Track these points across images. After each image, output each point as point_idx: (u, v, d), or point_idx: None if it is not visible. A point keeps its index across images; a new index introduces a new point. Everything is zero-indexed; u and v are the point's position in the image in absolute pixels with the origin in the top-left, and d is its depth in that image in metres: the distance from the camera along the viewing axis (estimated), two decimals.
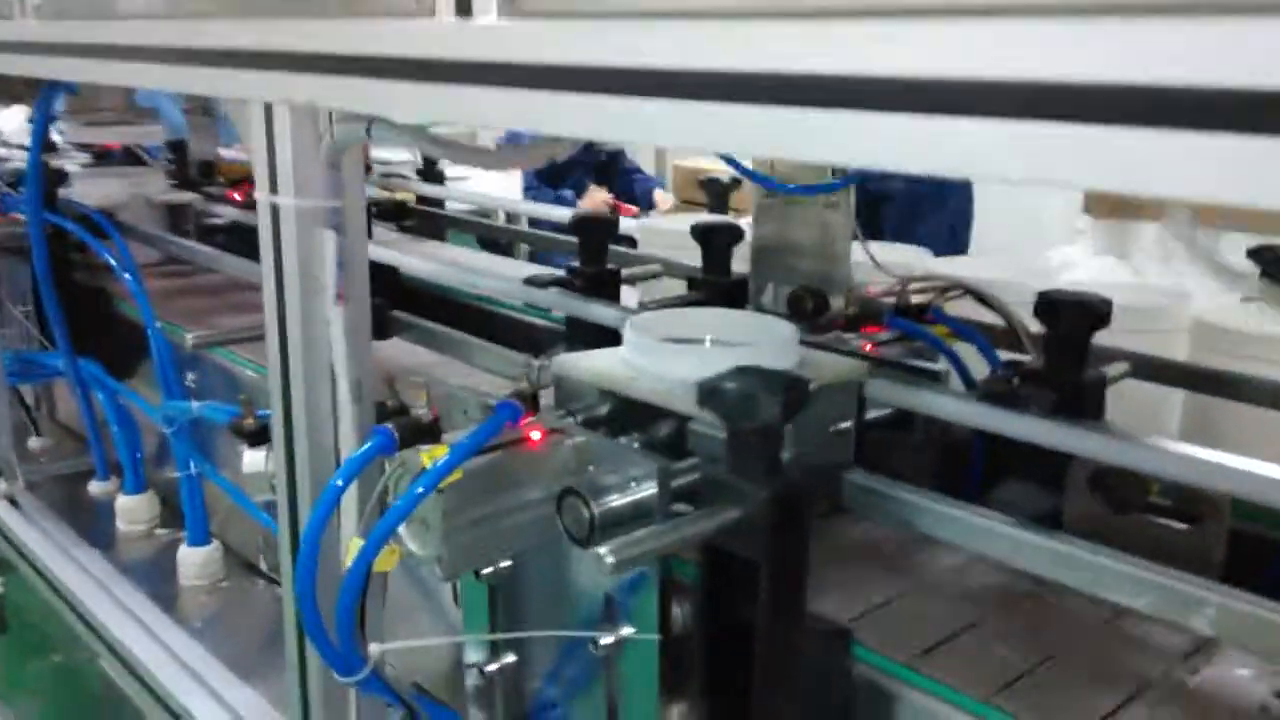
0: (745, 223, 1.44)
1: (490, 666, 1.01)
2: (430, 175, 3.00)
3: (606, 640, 0.89)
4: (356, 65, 0.84)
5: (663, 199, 4.23)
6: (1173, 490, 0.95)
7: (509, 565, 0.97)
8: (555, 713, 0.99)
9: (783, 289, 1.34)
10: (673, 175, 5.25)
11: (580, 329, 1.51)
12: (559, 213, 2.95)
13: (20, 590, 1.92)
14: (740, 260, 1.49)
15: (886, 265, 1.31)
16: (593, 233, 1.58)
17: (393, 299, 1.69)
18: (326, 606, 0.89)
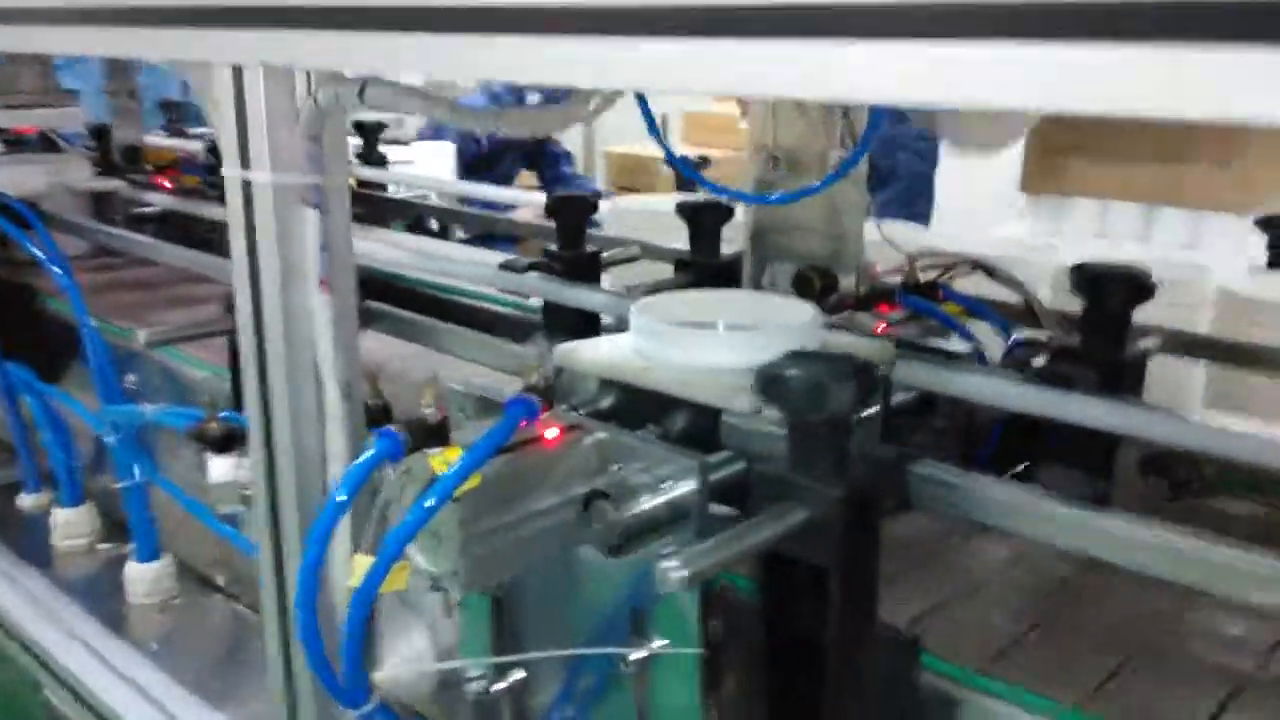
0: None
1: (498, 685, 0.93)
2: (370, 159, 2.86)
3: (637, 655, 0.81)
4: (349, 17, 0.73)
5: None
6: (1229, 472, 0.90)
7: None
8: None
9: (784, 268, 1.26)
10: (605, 162, 5.18)
11: (559, 316, 1.43)
12: (507, 195, 2.88)
13: None
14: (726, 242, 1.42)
15: (894, 241, 1.24)
16: (570, 214, 1.49)
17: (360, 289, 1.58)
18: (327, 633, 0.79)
